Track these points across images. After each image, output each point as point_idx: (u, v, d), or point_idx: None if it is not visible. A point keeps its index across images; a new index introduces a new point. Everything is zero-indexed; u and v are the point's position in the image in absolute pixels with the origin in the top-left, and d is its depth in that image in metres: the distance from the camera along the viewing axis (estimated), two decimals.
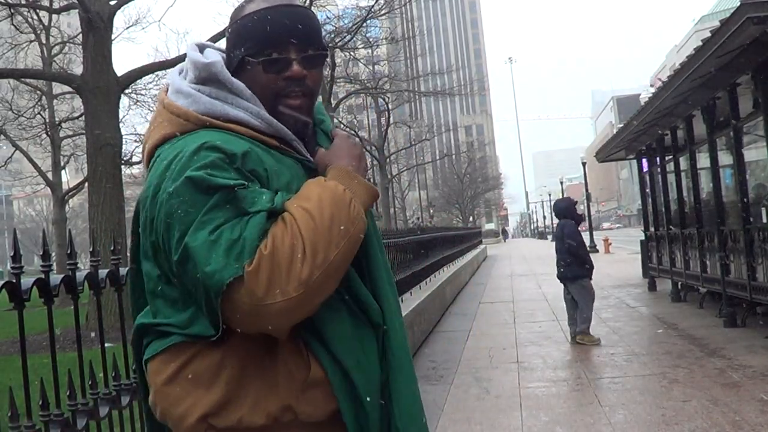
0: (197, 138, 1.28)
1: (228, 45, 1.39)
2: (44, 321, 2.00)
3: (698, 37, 28.14)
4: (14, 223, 72.03)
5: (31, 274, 1.99)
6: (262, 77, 1.35)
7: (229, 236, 1.17)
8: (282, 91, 1.35)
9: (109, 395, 2.25)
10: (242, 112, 1.33)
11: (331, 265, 1.20)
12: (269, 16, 1.34)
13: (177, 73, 1.42)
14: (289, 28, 1.34)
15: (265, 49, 1.34)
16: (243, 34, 1.35)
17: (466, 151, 75.21)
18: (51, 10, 19.29)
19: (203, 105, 1.33)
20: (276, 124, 1.34)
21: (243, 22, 1.35)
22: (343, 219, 1.23)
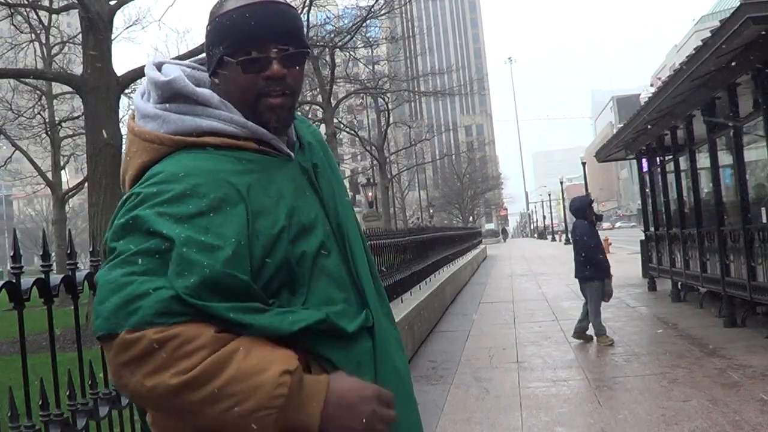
0: (169, 166, 1.22)
1: (206, 43, 1.34)
2: (44, 321, 2.00)
3: (698, 37, 28.12)
4: (14, 223, 72.02)
5: (31, 274, 1.99)
6: (241, 77, 1.29)
7: (133, 291, 1.08)
8: (262, 90, 1.30)
9: (109, 395, 2.24)
10: (215, 121, 1.28)
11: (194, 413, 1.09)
12: (247, 13, 1.28)
13: (140, 97, 1.36)
14: (268, 25, 1.29)
15: (244, 48, 1.28)
16: (221, 33, 1.30)
17: (466, 151, 75.26)
18: (51, 10, 19.27)
19: (173, 124, 1.28)
20: (251, 126, 1.29)
21: (221, 20, 1.30)
22: (245, 407, 1.07)
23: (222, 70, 1.31)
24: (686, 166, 10.60)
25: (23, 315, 1.85)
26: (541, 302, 12.15)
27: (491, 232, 68.93)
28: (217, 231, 1.15)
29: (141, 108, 1.33)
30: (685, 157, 10.52)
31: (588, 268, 7.84)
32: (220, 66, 1.31)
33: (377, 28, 28.79)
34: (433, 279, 11.56)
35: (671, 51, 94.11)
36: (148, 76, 1.35)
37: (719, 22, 6.68)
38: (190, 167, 1.21)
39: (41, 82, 22.42)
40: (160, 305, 1.07)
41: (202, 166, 1.22)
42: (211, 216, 1.17)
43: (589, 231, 7.87)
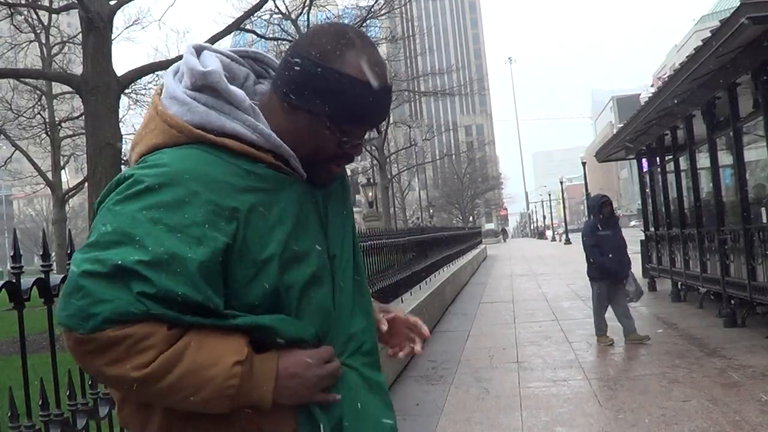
0: (175, 162, 1.20)
1: (305, 81, 1.25)
2: (44, 321, 2.00)
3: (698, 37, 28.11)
4: (14, 223, 72.03)
5: (31, 274, 1.99)
6: (326, 138, 1.27)
7: (96, 296, 1.10)
8: (334, 156, 1.30)
9: (109, 395, 2.24)
10: (239, 125, 1.24)
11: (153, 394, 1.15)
12: (371, 97, 1.25)
13: (172, 75, 1.32)
14: (380, 115, 1.29)
15: (349, 122, 1.26)
16: (335, 92, 1.23)
17: (466, 151, 75.27)
18: (51, 9, 19.26)
19: (198, 115, 1.24)
20: (275, 139, 1.25)
21: (342, 81, 1.23)
22: (199, 396, 1.14)
23: (308, 114, 1.26)
24: (686, 166, 10.59)
25: (23, 315, 1.85)
26: (541, 302, 12.15)
27: (491, 232, 68.92)
28: (195, 249, 1.14)
29: (170, 88, 1.29)
30: (685, 157, 10.52)
31: (588, 267, 7.86)
32: (310, 111, 1.26)
33: (377, 28, 28.79)
34: (433, 279, 11.56)
35: (671, 51, 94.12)
36: (186, 61, 1.30)
37: (719, 22, 6.68)
38: (198, 171, 1.19)
39: (41, 82, 22.41)
40: (116, 313, 1.10)
41: (209, 173, 1.19)
42: (198, 229, 1.15)
43: (589, 231, 7.83)
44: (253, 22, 19.07)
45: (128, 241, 1.12)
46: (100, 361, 1.12)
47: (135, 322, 1.10)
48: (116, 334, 1.10)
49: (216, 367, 1.14)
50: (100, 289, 1.10)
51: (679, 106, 9.35)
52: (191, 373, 1.13)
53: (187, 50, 1.33)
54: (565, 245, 43.61)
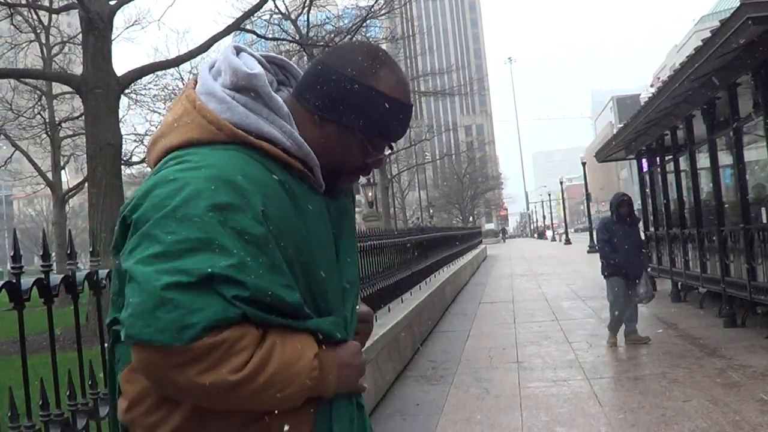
0: (222, 163, 1.19)
1: (339, 95, 1.28)
2: (44, 321, 2.00)
3: (698, 37, 28.10)
4: (14, 223, 72.03)
5: (31, 274, 1.99)
6: (353, 154, 1.32)
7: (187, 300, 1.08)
8: (357, 167, 1.34)
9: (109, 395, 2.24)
10: (276, 130, 1.26)
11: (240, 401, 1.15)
12: (401, 114, 1.32)
13: (207, 72, 1.32)
14: (404, 131, 1.36)
15: (379, 136, 1.32)
16: (371, 109, 1.28)
17: (466, 151, 75.27)
18: (51, 10, 19.27)
19: (238, 116, 1.25)
20: (306, 148, 1.27)
21: (376, 99, 1.28)
22: (285, 392, 1.17)
23: (339, 127, 1.30)
24: (686, 166, 10.60)
25: (23, 315, 1.85)
26: (541, 302, 12.15)
27: (491, 232, 68.92)
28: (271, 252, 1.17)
29: (209, 85, 1.29)
30: (685, 157, 10.53)
31: (602, 265, 7.73)
32: (343, 124, 1.29)
33: (377, 28, 28.79)
34: (433, 279, 11.56)
35: (671, 51, 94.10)
36: (229, 60, 1.29)
37: (719, 22, 6.68)
38: (246, 173, 1.19)
39: (41, 82, 22.40)
40: (214, 320, 1.09)
41: (256, 175, 1.20)
42: (265, 235, 1.16)
43: (602, 226, 7.71)
44: (253, 22, 19.06)
45: (205, 247, 1.10)
46: (191, 371, 1.09)
47: (229, 326, 1.11)
48: (213, 340, 1.09)
49: (301, 362, 1.19)
50: (191, 299, 1.08)
51: (679, 106, 9.36)
52: (281, 370, 1.16)
53: (228, 49, 1.33)
54: (565, 245, 43.61)
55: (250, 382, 1.13)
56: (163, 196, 1.15)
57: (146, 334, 1.07)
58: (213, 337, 1.09)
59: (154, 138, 1.32)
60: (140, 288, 1.08)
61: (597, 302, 11.47)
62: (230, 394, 1.13)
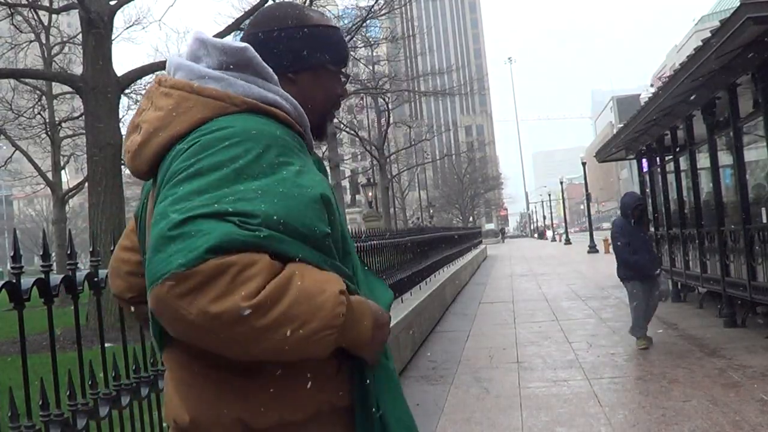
0: (244, 122, 1.20)
1: (300, 45, 1.38)
2: (44, 321, 2.00)
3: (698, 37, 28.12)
4: (14, 223, 72.02)
5: (31, 274, 1.99)
6: (333, 87, 1.43)
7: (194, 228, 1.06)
8: (335, 103, 1.46)
9: (109, 395, 2.25)
10: (277, 96, 1.30)
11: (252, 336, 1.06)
12: (342, 35, 1.46)
13: (187, 61, 1.31)
14: (348, 51, 1.48)
15: (344, 65, 1.44)
16: (327, 42, 1.41)
17: (466, 151, 75.27)
18: (51, 10, 19.28)
19: (241, 88, 1.26)
20: (300, 109, 1.34)
21: (325, 31, 1.42)
22: (308, 328, 1.08)
23: (313, 73, 1.41)
24: (686, 166, 10.60)
25: (23, 315, 1.85)
26: (541, 302, 12.15)
27: (491, 232, 68.93)
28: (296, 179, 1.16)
29: (196, 69, 1.28)
30: (685, 157, 10.52)
31: (618, 268, 7.54)
32: (314, 69, 1.41)
33: (377, 28, 28.78)
34: (433, 279, 11.56)
35: (671, 51, 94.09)
36: (211, 42, 1.31)
37: (719, 22, 6.68)
38: (263, 129, 1.20)
39: (41, 82, 22.41)
40: (220, 240, 1.04)
41: (272, 130, 1.22)
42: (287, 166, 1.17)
43: (619, 230, 7.47)
44: None
45: (222, 194, 1.09)
46: (204, 299, 1.02)
47: (238, 251, 1.04)
48: (220, 262, 1.03)
49: (324, 294, 1.09)
50: (201, 227, 1.05)
51: (679, 106, 9.36)
52: (301, 300, 1.07)
53: (198, 34, 1.34)
54: (565, 245, 43.61)
55: (265, 312, 1.04)
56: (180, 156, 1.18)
57: (158, 267, 1.04)
58: (219, 260, 1.03)
59: (144, 139, 1.27)
60: (156, 231, 1.08)
61: (597, 302, 11.48)
62: (245, 329, 1.04)
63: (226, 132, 1.18)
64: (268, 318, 1.04)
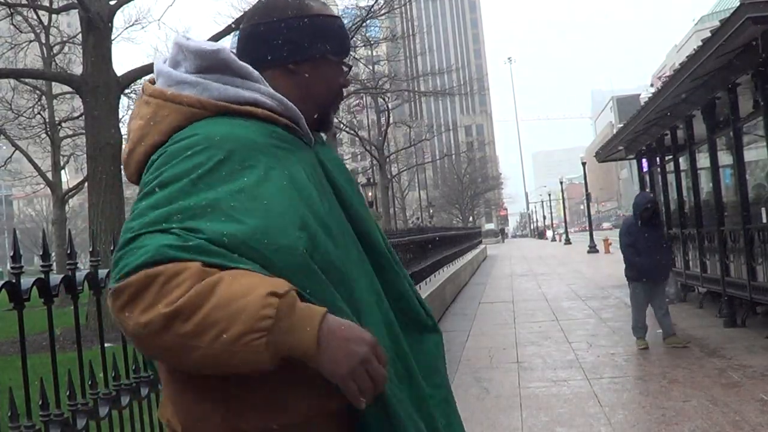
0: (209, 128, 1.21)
1: (302, 35, 1.35)
2: (44, 321, 2.00)
3: (698, 37, 28.13)
4: (14, 223, 72.00)
5: (31, 274, 1.99)
6: (335, 78, 1.39)
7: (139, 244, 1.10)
8: (338, 95, 1.42)
9: (109, 395, 2.24)
10: (256, 93, 1.28)
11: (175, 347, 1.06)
12: (343, 26, 1.41)
13: (168, 67, 1.32)
14: (350, 41, 1.44)
15: (345, 55, 1.40)
16: (328, 33, 1.37)
17: (466, 151, 75.30)
18: (51, 10, 19.27)
19: (216, 91, 1.26)
20: (287, 102, 1.30)
21: (326, 21, 1.37)
22: (230, 333, 1.04)
23: (314, 64, 1.36)
24: (686, 166, 10.59)
25: (23, 315, 1.85)
26: (541, 302, 12.15)
27: (491, 232, 68.91)
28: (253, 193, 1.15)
29: (173, 75, 1.29)
30: (685, 157, 10.52)
31: (625, 267, 7.49)
32: (315, 60, 1.36)
33: (377, 28, 28.79)
34: (433, 279, 11.56)
35: (671, 51, 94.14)
36: (187, 45, 1.31)
37: (719, 22, 6.68)
38: (228, 133, 1.20)
39: (41, 82, 22.41)
40: (152, 255, 1.07)
41: (240, 134, 1.21)
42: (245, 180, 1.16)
43: (625, 229, 7.44)
44: None
45: (177, 207, 1.12)
46: (136, 310, 1.05)
47: (170, 261, 1.06)
48: (148, 273, 1.05)
49: (249, 296, 1.05)
50: (143, 242, 1.09)
51: (679, 106, 9.35)
52: (222, 305, 1.04)
53: (179, 37, 1.34)
54: (565, 245, 43.62)
55: (186, 319, 1.03)
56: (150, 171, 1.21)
57: (110, 286, 1.09)
58: (149, 271, 1.05)
59: (130, 148, 1.29)
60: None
61: (597, 302, 11.48)
62: (170, 336, 1.04)
63: (190, 141, 1.19)
64: (189, 324, 1.04)
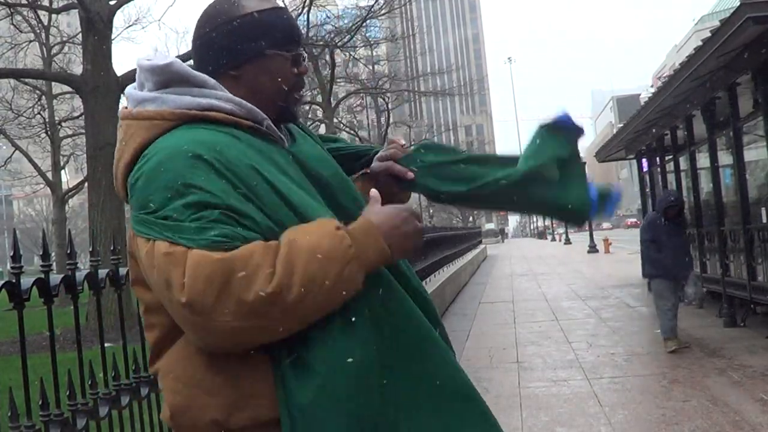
0: (173, 139, 1.25)
1: (235, 37, 1.34)
2: (44, 321, 2.00)
3: (698, 37, 28.11)
4: (14, 223, 71.98)
5: (31, 274, 1.99)
6: (283, 70, 1.37)
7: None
8: (294, 84, 1.39)
9: (109, 395, 2.24)
10: (213, 99, 1.31)
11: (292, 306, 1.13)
12: (285, 15, 1.39)
13: (132, 89, 1.38)
14: (298, 28, 1.41)
15: (290, 44, 1.38)
16: (263, 27, 1.35)
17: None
18: (51, 10, 19.27)
19: (173, 102, 1.30)
20: (247, 105, 1.32)
21: (260, 17, 1.35)
22: (331, 275, 1.14)
23: (255, 63, 1.35)
24: (686, 166, 10.59)
25: (23, 315, 1.85)
26: (541, 302, 12.15)
27: (491, 232, 68.84)
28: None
29: (135, 95, 1.34)
30: (685, 157, 10.52)
31: (643, 265, 7.31)
32: (254, 59, 1.35)
33: (377, 28, 28.77)
34: (433, 279, 11.56)
35: (671, 51, 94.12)
36: (143, 65, 1.35)
37: (719, 22, 6.68)
38: (191, 140, 1.23)
39: (41, 82, 22.40)
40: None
41: (205, 138, 1.24)
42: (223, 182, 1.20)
43: (647, 224, 7.24)
44: None
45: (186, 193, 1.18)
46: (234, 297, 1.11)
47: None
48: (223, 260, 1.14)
49: (325, 239, 1.16)
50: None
51: (679, 106, 9.35)
52: (310, 259, 1.13)
53: (140, 59, 1.38)
54: (565, 245, 43.61)
55: (289, 287, 1.11)
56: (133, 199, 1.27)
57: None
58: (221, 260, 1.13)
59: (114, 169, 1.35)
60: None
61: (597, 302, 11.48)
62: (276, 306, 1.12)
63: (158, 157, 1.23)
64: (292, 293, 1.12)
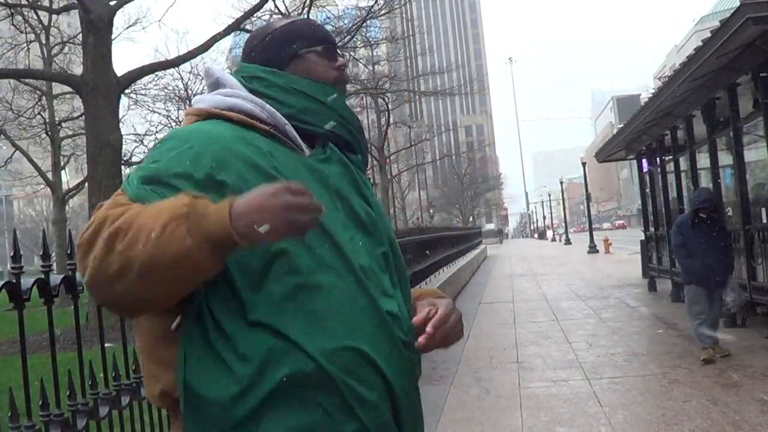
0: (183, 128, 1.41)
1: (271, 50, 1.51)
2: (44, 321, 2.00)
3: (698, 37, 28.13)
4: (14, 223, 71.97)
5: (31, 274, 1.99)
6: (321, 65, 1.50)
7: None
8: (337, 78, 1.51)
9: (109, 395, 2.24)
10: (238, 99, 1.42)
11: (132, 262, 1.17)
12: (310, 22, 1.59)
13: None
14: (325, 31, 1.58)
15: (319, 41, 1.52)
16: (294, 34, 1.52)
17: (466, 151, 75.27)
18: (51, 10, 19.27)
19: (206, 102, 1.46)
20: (269, 108, 1.41)
21: (289, 27, 1.53)
22: (157, 226, 1.16)
23: (294, 65, 1.49)
24: (686, 166, 10.59)
25: (23, 315, 1.85)
26: (541, 302, 12.15)
27: (491, 232, 68.86)
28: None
29: (196, 98, 1.55)
30: (685, 157, 10.52)
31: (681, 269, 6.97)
32: (292, 61, 1.49)
33: (377, 28, 28.77)
34: (433, 279, 11.56)
35: (671, 51, 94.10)
36: (204, 72, 1.57)
37: (719, 22, 6.68)
38: (194, 129, 1.37)
39: (41, 82, 22.39)
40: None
41: (208, 130, 1.35)
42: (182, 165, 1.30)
43: (676, 228, 6.86)
44: (253, 22, 19.06)
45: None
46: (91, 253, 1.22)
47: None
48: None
49: (167, 202, 1.21)
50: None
51: (679, 106, 9.36)
52: (149, 212, 1.19)
53: (205, 68, 1.62)
54: (565, 245, 43.62)
55: (124, 234, 1.17)
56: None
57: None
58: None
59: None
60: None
61: (597, 302, 11.48)
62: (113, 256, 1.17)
63: (164, 137, 1.42)
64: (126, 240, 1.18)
